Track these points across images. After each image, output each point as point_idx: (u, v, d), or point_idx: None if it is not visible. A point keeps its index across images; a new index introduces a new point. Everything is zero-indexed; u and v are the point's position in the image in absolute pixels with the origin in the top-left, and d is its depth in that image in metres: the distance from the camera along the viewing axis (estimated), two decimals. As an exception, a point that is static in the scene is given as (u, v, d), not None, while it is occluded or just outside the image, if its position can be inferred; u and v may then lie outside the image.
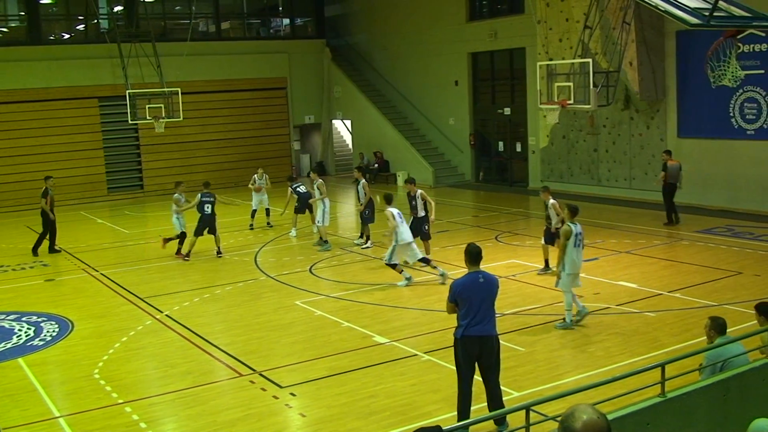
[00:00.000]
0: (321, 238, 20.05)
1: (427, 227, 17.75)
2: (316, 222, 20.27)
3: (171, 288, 16.87)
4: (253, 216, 23.25)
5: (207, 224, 19.22)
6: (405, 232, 15.95)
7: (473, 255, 9.16)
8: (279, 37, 38.28)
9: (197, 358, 12.33)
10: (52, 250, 20.82)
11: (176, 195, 19.87)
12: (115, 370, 11.82)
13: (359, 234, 20.65)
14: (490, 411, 8.83)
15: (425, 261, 16.23)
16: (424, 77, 33.52)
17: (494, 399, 9.08)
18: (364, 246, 19.89)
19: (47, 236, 20.84)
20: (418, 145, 32.98)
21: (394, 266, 15.92)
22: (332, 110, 37.35)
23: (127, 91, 27.52)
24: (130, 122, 28.59)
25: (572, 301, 12.80)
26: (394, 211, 16.05)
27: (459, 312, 9.00)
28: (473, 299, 8.89)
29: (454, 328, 9.13)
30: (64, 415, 10.22)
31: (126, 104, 27.62)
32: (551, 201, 16.33)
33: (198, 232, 19.20)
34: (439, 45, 32.17)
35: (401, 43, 34.32)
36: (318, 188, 20.16)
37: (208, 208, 19.21)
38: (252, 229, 22.57)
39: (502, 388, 9.24)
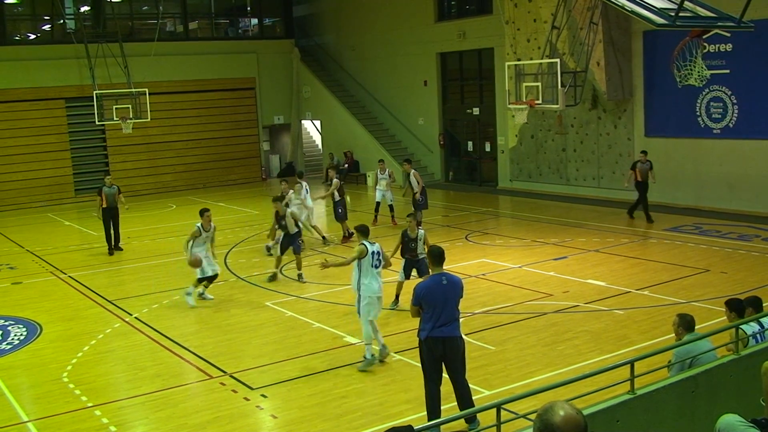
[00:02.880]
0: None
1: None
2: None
3: (139, 290, 16.75)
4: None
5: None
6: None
7: (436, 256, 9.20)
8: (247, 37, 38.13)
9: (167, 360, 12.26)
10: (116, 247, 20.79)
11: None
12: (84, 374, 11.72)
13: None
14: (460, 410, 8.87)
15: None
16: (393, 77, 33.55)
17: (463, 397, 9.11)
18: None
19: (114, 231, 20.71)
20: (388, 145, 32.97)
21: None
22: (301, 110, 37.26)
23: (94, 92, 27.31)
24: (97, 123, 28.37)
25: (372, 334, 11.47)
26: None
27: (423, 314, 9.01)
28: (437, 301, 8.89)
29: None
30: (32, 420, 10.11)
31: (93, 105, 27.39)
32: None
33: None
34: (408, 45, 32.21)
35: (370, 43, 34.33)
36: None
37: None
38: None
39: (472, 386, 9.29)
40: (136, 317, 14.60)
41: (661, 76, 23.16)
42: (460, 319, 9.21)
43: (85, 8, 32.23)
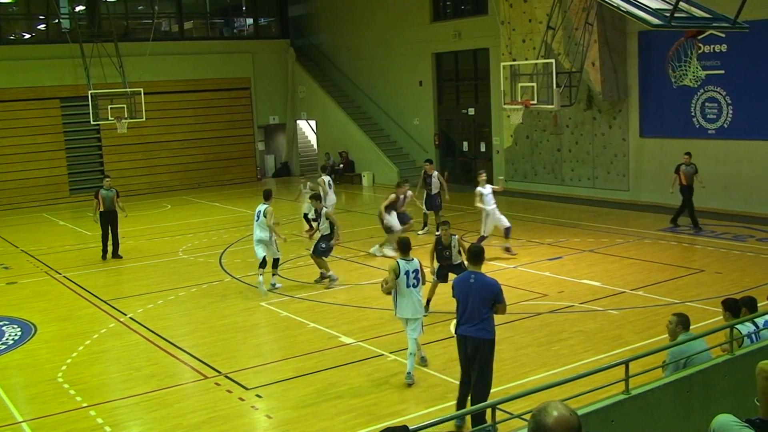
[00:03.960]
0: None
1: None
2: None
3: (134, 290, 16.74)
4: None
5: None
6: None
7: (473, 254, 9.36)
8: (242, 36, 38.12)
9: (161, 360, 12.24)
10: (114, 254, 19.99)
11: None
12: (78, 374, 11.70)
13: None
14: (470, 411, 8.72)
15: None
16: (388, 77, 33.55)
17: (477, 398, 8.95)
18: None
19: (112, 237, 19.91)
20: (383, 145, 32.99)
21: None
22: (297, 110, 37.25)
23: (89, 92, 27.24)
24: (92, 123, 28.28)
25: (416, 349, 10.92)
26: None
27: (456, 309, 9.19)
28: (460, 298, 9.03)
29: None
30: (27, 420, 10.10)
31: (88, 105, 27.33)
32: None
33: None
34: (403, 45, 32.21)
35: (365, 43, 34.32)
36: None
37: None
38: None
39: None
40: (131, 317, 14.58)
41: (656, 76, 23.18)
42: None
43: (80, 8, 32.17)
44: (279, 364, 11.72)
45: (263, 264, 15.79)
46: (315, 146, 38.18)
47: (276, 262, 16.26)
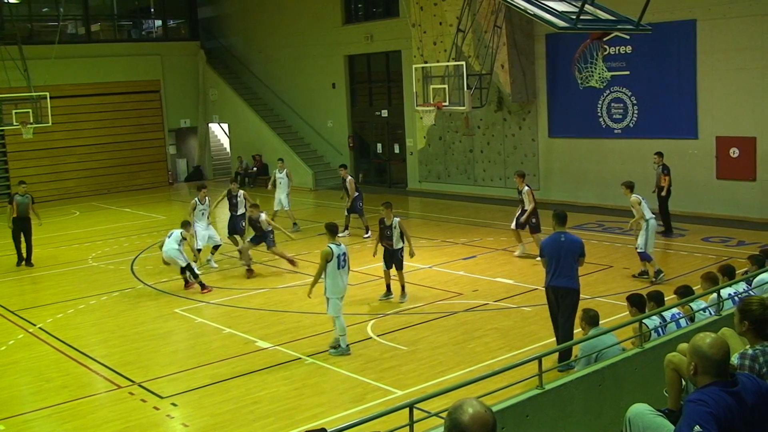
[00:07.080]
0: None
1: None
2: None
3: (43, 300, 16.30)
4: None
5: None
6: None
7: (558, 218, 10.93)
8: (151, 39, 37.44)
9: (73, 371, 11.97)
10: (27, 262, 19.41)
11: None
12: (-15, 387, 11.36)
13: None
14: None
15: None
16: (301, 80, 33.45)
17: (563, 338, 10.66)
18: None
19: (26, 244, 19.40)
20: (297, 148, 32.88)
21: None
22: (208, 113, 36.82)
23: (-8, 96, 26.44)
24: (-5, 128, 27.46)
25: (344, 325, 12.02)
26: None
27: (546, 266, 10.83)
28: (553, 255, 10.68)
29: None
30: (-70, 437, 9.76)
31: (-9, 110, 26.53)
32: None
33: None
34: (316, 47, 32.17)
35: (277, 45, 34.15)
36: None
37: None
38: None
39: (386, 387, 9.41)
40: (40, 327, 14.20)
41: (563, 78, 23.66)
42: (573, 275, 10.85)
43: (-20, 10, 31.19)
44: (194, 372, 11.57)
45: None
46: (228, 149, 37.79)
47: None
